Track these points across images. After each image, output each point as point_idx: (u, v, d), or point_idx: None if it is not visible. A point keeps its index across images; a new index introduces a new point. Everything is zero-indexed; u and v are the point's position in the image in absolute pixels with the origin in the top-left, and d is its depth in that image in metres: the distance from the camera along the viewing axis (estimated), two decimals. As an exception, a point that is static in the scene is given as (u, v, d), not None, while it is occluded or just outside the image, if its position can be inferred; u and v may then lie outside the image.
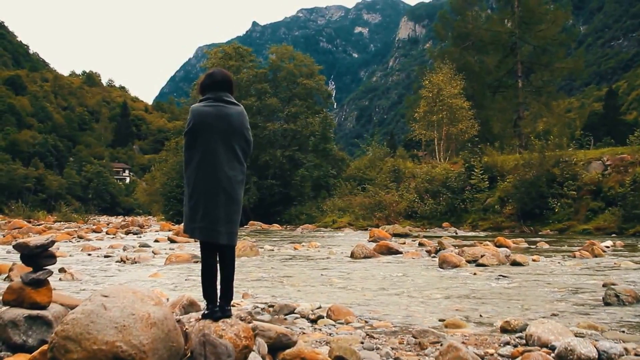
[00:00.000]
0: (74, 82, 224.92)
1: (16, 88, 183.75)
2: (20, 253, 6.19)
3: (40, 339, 5.93)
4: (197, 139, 6.00)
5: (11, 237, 31.46)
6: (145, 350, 4.86)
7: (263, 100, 69.95)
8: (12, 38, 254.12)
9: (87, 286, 12.98)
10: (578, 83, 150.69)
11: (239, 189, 6.05)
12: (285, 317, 9.11)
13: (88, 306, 5.10)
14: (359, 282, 13.57)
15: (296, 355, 5.54)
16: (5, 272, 14.76)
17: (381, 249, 20.78)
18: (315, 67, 78.13)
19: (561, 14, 65.62)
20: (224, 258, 6.04)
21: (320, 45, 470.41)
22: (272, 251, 22.87)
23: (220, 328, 5.58)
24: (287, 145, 69.64)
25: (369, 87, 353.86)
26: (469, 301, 10.73)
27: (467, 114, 58.08)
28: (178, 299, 8.63)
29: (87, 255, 22.02)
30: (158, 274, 15.15)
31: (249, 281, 13.56)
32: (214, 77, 6.22)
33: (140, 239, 32.95)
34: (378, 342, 7.22)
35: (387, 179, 51.91)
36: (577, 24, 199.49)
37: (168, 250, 23.10)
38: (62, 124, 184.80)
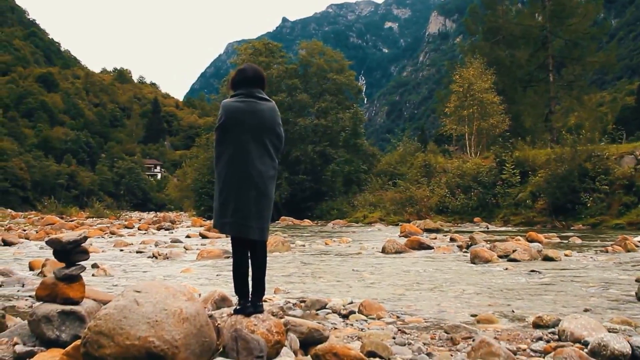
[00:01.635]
0: (106, 79, 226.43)
1: (48, 85, 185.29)
2: (53, 249, 6.22)
3: (73, 334, 5.95)
4: (228, 135, 6.01)
5: (44, 233, 31.67)
6: (177, 345, 4.87)
7: (293, 96, 69.93)
8: (43, 36, 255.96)
9: (120, 282, 13.04)
10: (610, 77, 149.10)
11: (270, 185, 6.07)
12: (317, 313, 9.09)
13: (121, 301, 5.12)
14: (390, 277, 13.54)
15: (328, 350, 5.53)
16: (38, 267, 14.84)
17: (412, 244, 20.73)
18: (345, 63, 78.05)
19: (592, 7, 65.03)
20: (256, 253, 6.06)
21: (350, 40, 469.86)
22: (304, 246, 22.87)
23: (253, 323, 5.60)
24: (318, 140, 69.58)
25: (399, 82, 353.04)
26: (501, 296, 10.68)
27: (498, 108, 57.78)
28: (210, 294, 8.66)
29: (119, 251, 22.11)
30: (190, 269, 15.20)
31: (281, 276, 13.56)
32: (245, 72, 6.23)
33: (172, 234, 33.05)
34: (410, 337, 7.19)
35: (418, 174, 51.83)
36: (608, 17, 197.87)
37: (199, 245, 23.15)
38: (94, 120, 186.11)
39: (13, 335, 6.31)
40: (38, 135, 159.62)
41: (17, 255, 20.54)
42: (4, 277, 13.28)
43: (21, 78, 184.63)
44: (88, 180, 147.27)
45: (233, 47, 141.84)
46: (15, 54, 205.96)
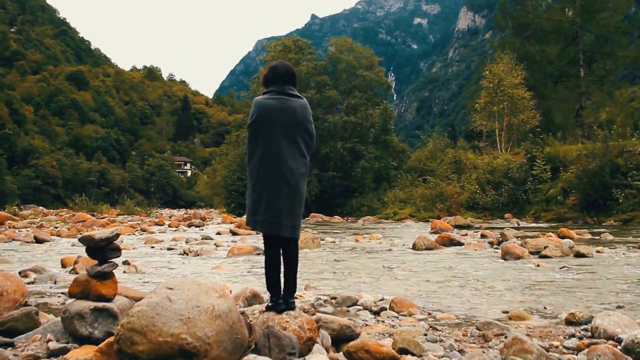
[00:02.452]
0: (135, 76, 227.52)
1: (79, 83, 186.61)
2: (85, 246, 6.25)
3: (106, 331, 5.99)
4: (260, 132, 6.03)
5: (76, 230, 31.90)
6: (209, 342, 4.89)
7: (323, 93, 69.95)
8: (74, 34, 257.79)
9: (151, 278, 13.09)
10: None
11: (301, 182, 6.07)
12: (348, 309, 9.08)
13: (153, 298, 5.14)
14: (421, 273, 13.52)
15: (360, 347, 5.53)
16: (70, 264, 14.94)
17: (443, 241, 20.70)
18: (374, 59, 77.97)
19: (623, 1, 64.47)
20: (287, 251, 6.07)
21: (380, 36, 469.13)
22: (334, 243, 22.87)
23: (284, 320, 5.60)
24: (348, 137, 69.60)
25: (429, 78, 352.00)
26: (532, 293, 10.62)
27: (528, 104, 57.54)
28: (241, 291, 8.67)
29: (150, 248, 22.22)
30: (220, 266, 15.23)
31: (311, 273, 13.57)
32: (276, 70, 6.23)
33: (203, 231, 33.14)
34: (441, 334, 7.17)
35: (448, 170, 51.72)
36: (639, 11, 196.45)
37: (230, 242, 23.20)
38: (124, 118, 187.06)
39: (46, 332, 6.35)
40: (69, 133, 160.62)
41: (49, 252, 20.68)
42: (37, 274, 13.37)
43: (52, 76, 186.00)
44: (119, 178, 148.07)
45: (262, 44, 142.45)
46: (46, 52, 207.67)
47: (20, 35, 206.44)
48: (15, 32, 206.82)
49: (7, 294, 7.10)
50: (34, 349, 5.94)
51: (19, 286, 7.42)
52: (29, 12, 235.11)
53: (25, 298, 7.48)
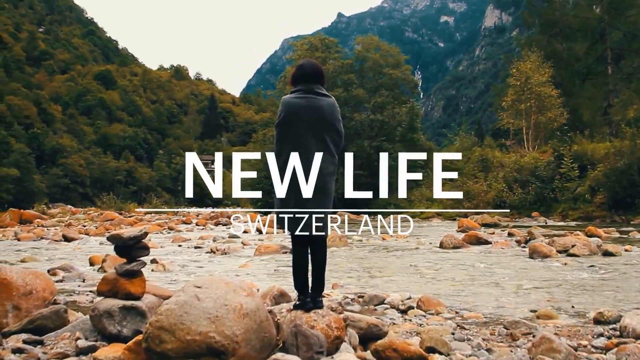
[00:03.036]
0: (163, 76, 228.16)
1: (106, 83, 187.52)
2: (114, 245, 6.29)
3: (134, 329, 6.02)
4: (288, 131, 6.02)
5: (104, 228, 32.09)
6: (238, 340, 4.91)
7: (349, 91, 69.99)
8: (101, 34, 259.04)
9: (178, 277, 13.15)
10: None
11: (329, 181, 6.06)
12: (375, 308, 9.09)
13: (181, 297, 5.17)
14: (448, 272, 13.51)
15: (388, 346, 5.52)
16: (98, 263, 15.03)
17: (470, 239, 20.63)
18: (401, 57, 77.89)
19: (652, -2, 64.17)
20: (315, 249, 6.07)
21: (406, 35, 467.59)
22: (361, 241, 22.87)
23: (312, 319, 5.60)
24: (374, 135, 69.52)
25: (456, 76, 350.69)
26: (560, 292, 10.60)
27: (555, 102, 57.36)
28: (268, 289, 8.70)
29: (177, 246, 22.31)
30: (248, 264, 15.27)
31: (339, 271, 13.58)
32: (304, 68, 6.23)
33: (230, 230, 33.19)
34: (469, 333, 7.18)
35: (475, 169, 51.60)
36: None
37: (257, 241, 23.21)
38: (152, 117, 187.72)
39: (75, 330, 6.40)
40: (97, 132, 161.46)
41: (77, 250, 20.81)
42: (65, 272, 13.47)
43: (80, 76, 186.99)
44: (146, 177, 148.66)
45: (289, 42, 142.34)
46: (74, 52, 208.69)
47: (49, 35, 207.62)
48: (44, 32, 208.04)
49: (36, 292, 7.15)
50: (63, 347, 5.98)
51: (48, 284, 7.47)
52: (57, 12, 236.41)
53: (54, 296, 7.54)
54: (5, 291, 6.96)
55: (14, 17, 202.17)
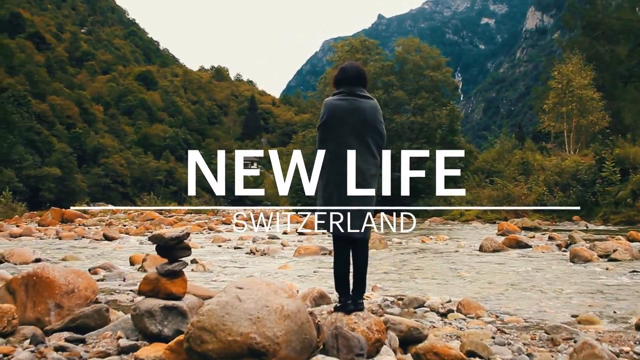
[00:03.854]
0: (203, 76, 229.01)
1: (147, 83, 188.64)
2: (156, 245, 6.33)
3: (175, 329, 6.06)
4: (330, 133, 6.03)
5: (144, 228, 32.33)
6: (278, 342, 4.93)
7: (390, 93, 69.86)
8: (143, 35, 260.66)
9: (218, 277, 13.22)
10: None
11: (372, 183, 6.06)
12: (414, 311, 9.09)
13: (223, 298, 5.19)
14: (488, 275, 13.45)
15: (429, 349, 5.52)
16: (138, 262, 15.15)
17: (510, 243, 20.52)
18: (442, 59, 77.61)
19: (696, -1, 63.58)
20: (357, 251, 6.07)
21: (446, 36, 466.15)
22: (401, 244, 22.83)
23: (353, 321, 5.60)
24: (415, 138, 69.31)
25: (496, 79, 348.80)
26: (601, 297, 10.52)
27: (597, 105, 56.93)
28: (309, 291, 8.71)
29: (217, 246, 22.43)
30: (287, 265, 15.29)
31: (378, 274, 13.57)
32: (346, 71, 6.23)
33: (269, 231, 33.27)
34: (509, 337, 7.15)
35: (515, 172, 51.29)
36: None
37: (296, 242, 23.26)
38: (192, 117, 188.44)
39: (117, 329, 6.45)
40: (137, 132, 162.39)
41: (118, 250, 20.96)
42: (106, 271, 13.59)
43: (121, 76, 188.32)
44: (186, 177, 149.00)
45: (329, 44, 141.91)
46: (116, 53, 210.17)
47: (91, 36, 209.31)
48: (86, 32, 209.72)
49: (78, 290, 7.22)
50: (104, 346, 6.03)
51: (90, 283, 7.54)
52: (99, 13, 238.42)
53: (95, 295, 7.60)
54: (48, 289, 7.03)
55: (57, 18, 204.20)
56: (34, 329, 6.40)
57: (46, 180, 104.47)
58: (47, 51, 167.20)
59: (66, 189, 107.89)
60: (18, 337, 6.21)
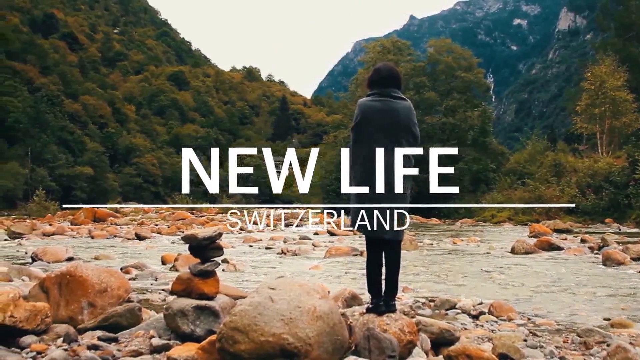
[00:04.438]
0: (235, 77, 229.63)
1: (179, 83, 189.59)
2: (188, 245, 6.35)
3: (207, 329, 6.07)
4: (363, 134, 6.02)
5: (175, 227, 32.47)
6: (311, 343, 4.93)
7: (421, 94, 69.83)
8: (175, 35, 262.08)
9: (250, 277, 13.24)
10: None
11: (405, 184, 6.04)
12: (446, 312, 9.06)
13: (255, 298, 5.20)
14: (520, 278, 13.39)
15: (461, 352, 5.49)
16: (170, 262, 15.21)
17: (542, 245, 20.42)
18: (474, 60, 77.49)
19: None
20: (390, 253, 6.06)
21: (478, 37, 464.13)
22: (432, 245, 22.79)
23: (385, 322, 5.60)
24: (446, 139, 69.17)
25: (528, 80, 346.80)
26: (634, 300, 10.45)
27: (630, 106, 56.58)
28: (340, 291, 8.70)
29: (248, 246, 22.50)
30: (318, 266, 15.30)
31: (409, 275, 13.54)
32: (380, 72, 6.22)
33: (300, 231, 33.28)
34: (542, 340, 7.10)
35: (547, 174, 51.10)
36: None
37: (328, 242, 23.30)
38: (224, 118, 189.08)
39: (149, 328, 6.47)
40: (169, 132, 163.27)
41: (150, 249, 21.07)
42: (138, 270, 13.64)
43: (153, 77, 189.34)
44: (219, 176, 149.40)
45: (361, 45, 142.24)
46: (148, 53, 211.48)
47: (123, 37, 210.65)
48: (119, 33, 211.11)
49: (111, 289, 7.26)
50: (137, 345, 6.05)
51: (123, 282, 7.58)
52: (132, 14, 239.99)
53: (128, 294, 7.64)
54: (81, 288, 7.07)
55: (90, 18, 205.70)
56: (67, 327, 6.43)
57: (79, 180, 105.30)
58: (80, 51, 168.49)
59: (98, 188, 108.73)
60: (51, 335, 6.25)
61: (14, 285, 9.35)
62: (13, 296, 6.12)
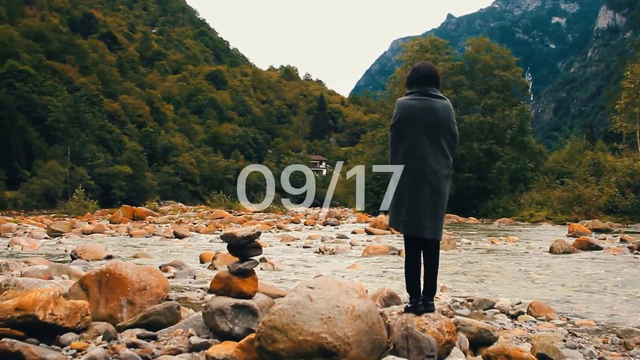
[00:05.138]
0: (273, 76, 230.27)
1: (217, 83, 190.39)
2: (227, 243, 6.39)
3: (245, 328, 6.10)
4: (403, 133, 6.02)
5: (213, 226, 32.61)
6: (349, 342, 4.93)
7: (459, 93, 69.46)
8: (213, 35, 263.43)
9: (287, 276, 13.26)
10: None
11: (444, 183, 6.04)
12: (484, 312, 9.02)
13: (294, 297, 5.22)
14: (558, 278, 13.30)
15: (500, 352, 5.47)
16: (208, 260, 15.28)
17: (581, 245, 20.27)
18: (512, 59, 76.98)
19: None
20: (429, 252, 6.05)
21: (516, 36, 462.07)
22: (469, 244, 22.70)
23: (423, 322, 5.59)
24: (484, 138, 68.85)
25: (567, 79, 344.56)
26: (676, 300, 10.36)
27: (671, 105, 56.12)
28: (378, 291, 8.68)
29: (286, 245, 22.52)
30: (356, 265, 15.28)
31: (447, 274, 13.49)
32: (419, 71, 6.22)
33: (338, 230, 33.29)
34: (581, 340, 7.05)
35: (586, 173, 50.68)
36: None
37: (365, 242, 23.26)
38: (261, 117, 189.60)
39: (188, 326, 6.52)
40: (207, 131, 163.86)
41: (188, 247, 21.17)
42: (176, 269, 13.72)
43: (191, 76, 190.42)
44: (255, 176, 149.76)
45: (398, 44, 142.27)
46: (186, 52, 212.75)
47: (162, 36, 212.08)
48: (157, 33, 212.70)
49: (150, 288, 7.32)
50: (176, 343, 6.09)
51: (162, 281, 7.64)
52: (170, 14, 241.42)
53: (167, 292, 7.70)
54: (120, 286, 7.14)
55: (129, 18, 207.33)
56: (107, 325, 6.49)
57: (117, 178, 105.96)
58: (118, 51, 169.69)
59: (137, 187, 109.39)
60: (91, 333, 6.30)
61: (54, 283, 9.41)
62: (53, 294, 6.18)
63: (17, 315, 5.96)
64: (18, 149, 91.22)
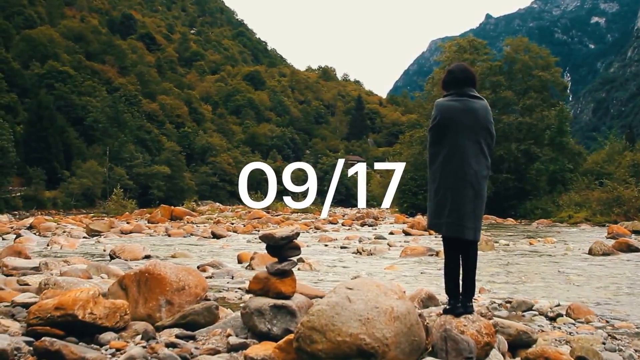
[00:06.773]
0: (310, 76, 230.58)
1: (255, 83, 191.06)
2: (266, 244, 6.41)
3: (284, 328, 6.12)
4: (443, 134, 6.00)
5: (251, 226, 32.72)
6: (388, 343, 4.93)
7: (497, 93, 69.14)
8: (251, 36, 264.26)
9: (325, 277, 13.27)
10: None
11: (483, 184, 6.02)
12: (522, 314, 8.98)
13: (333, 298, 5.23)
14: (598, 280, 13.20)
15: (539, 354, 5.45)
16: (246, 260, 15.33)
17: (621, 246, 20.10)
18: (550, 59, 76.47)
19: None
20: (468, 254, 6.03)
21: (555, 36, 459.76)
22: (508, 246, 22.60)
23: (462, 324, 5.57)
24: (522, 138, 68.40)
25: (606, 79, 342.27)
26: None
27: None
28: (416, 292, 8.66)
29: (323, 246, 22.54)
30: (394, 266, 15.26)
31: (485, 276, 13.44)
32: (453, 73, 6.20)
33: (375, 231, 33.25)
34: (620, 343, 6.99)
35: (626, 174, 50.26)
36: None
37: (403, 242, 23.22)
38: (299, 117, 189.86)
39: (226, 326, 6.54)
40: (245, 131, 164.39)
41: (226, 248, 21.24)
42: (215, 269, 13.76)
43: (230, 76, 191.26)
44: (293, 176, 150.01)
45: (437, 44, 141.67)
46: (225, 53, 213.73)
47: (200, 37, 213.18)
48: (195, 33, 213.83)
49: (188, 287, 7.35)
50: (214, 343, 6.12)
51: (200, 281, 7.66)
52: (208, 14, 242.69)
53: (205, 292, 7.72)
54: (159, 286, 7.17)
55: (167, 19, 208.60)
56: (146, 324, 6.53)
57: (156, 178, 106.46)
58: (157, 52, 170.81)
59: (175, 187, 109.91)
60: (130, 332, 6.34)
61: (93, 282, 9.49)
62: (93, 293, 6.24)
63: (57, 315, 6.02)
64: (57, 149, 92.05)
